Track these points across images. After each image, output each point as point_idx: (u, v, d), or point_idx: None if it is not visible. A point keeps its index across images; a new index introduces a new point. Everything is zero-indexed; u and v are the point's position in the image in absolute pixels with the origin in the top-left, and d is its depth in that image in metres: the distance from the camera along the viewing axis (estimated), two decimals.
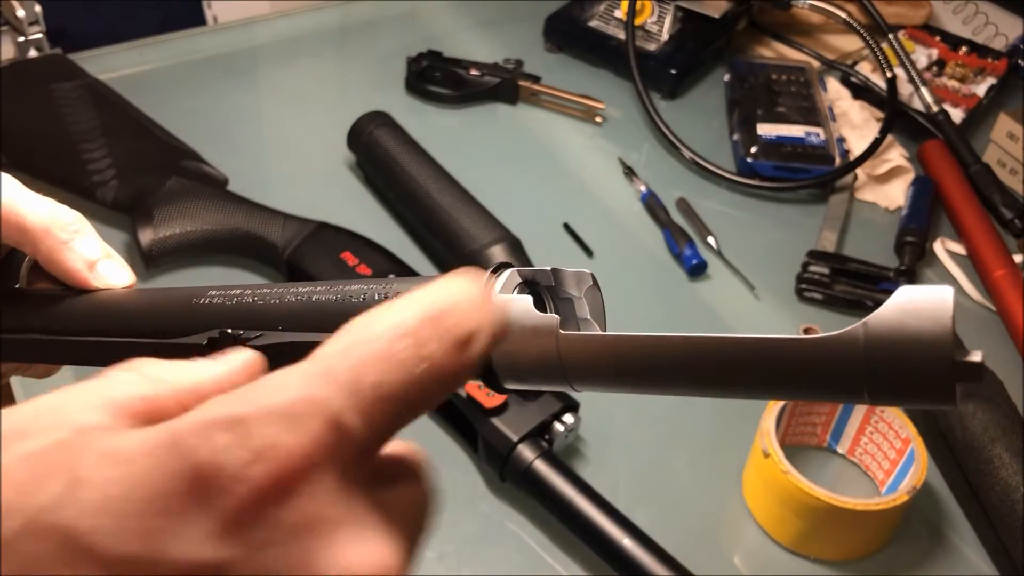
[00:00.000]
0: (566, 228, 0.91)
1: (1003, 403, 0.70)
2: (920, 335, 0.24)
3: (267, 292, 0.34)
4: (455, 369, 0.25)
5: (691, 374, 0.28)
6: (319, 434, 0.22)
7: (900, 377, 0.25)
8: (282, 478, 0.22)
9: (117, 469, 0.22)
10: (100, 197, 0.83)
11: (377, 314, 0.25)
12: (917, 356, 0.25)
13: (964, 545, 0.69)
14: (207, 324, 0.34)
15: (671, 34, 1.08)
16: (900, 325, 0.25)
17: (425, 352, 0.24)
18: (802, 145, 0.98)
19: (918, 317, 0.25)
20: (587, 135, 1.04)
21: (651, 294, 0.88)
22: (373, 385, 0.23)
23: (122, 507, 0.21)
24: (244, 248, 0.83)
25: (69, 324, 0.39)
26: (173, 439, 0.22)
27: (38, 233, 0.38)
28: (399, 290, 0.32)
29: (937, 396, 0.25)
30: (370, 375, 0.23)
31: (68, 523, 0.21)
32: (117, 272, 0.40)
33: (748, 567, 0.68)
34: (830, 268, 0.85)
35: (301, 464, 0.22)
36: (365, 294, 0.32)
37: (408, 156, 0.89)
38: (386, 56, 1.09)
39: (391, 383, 0.23)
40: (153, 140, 0.90)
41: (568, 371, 0.29)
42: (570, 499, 0.64)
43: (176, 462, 0.21)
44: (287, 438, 0.22)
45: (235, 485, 0.21)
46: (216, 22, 1.16)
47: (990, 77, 1.10)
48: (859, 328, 0.25)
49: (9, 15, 1.00)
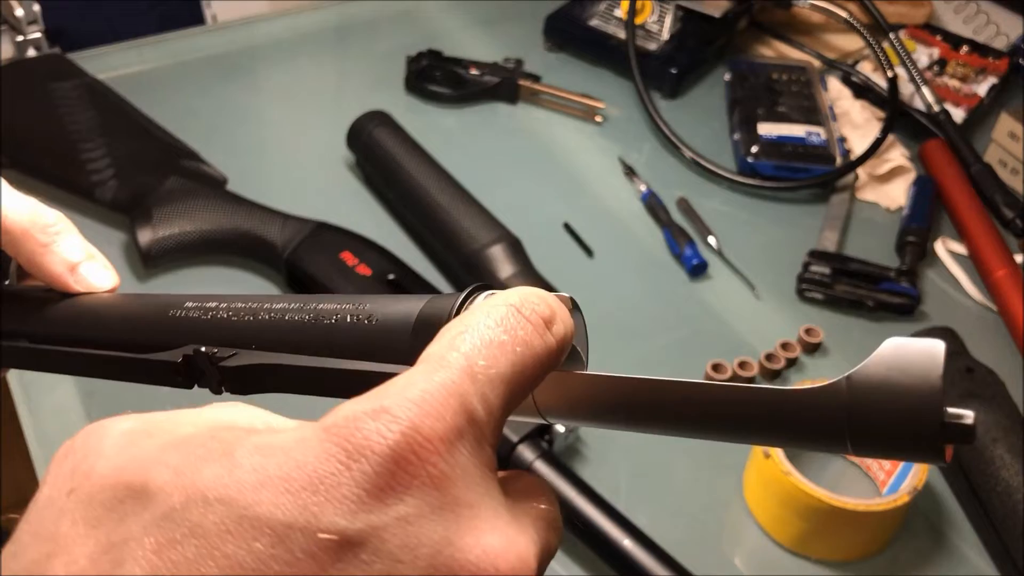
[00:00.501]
0: (566, 228, 0.91)
1: (1004, 403, 0.70)
2: (907, 394, 0.23)
3: (241, 307, 0.34)
4: (545, 349, 0.27)
5: (665, 417, 0.28)
6: (455, 416, 0.24)
7: (885, 435, 0.24)
8: (425, 454, 0.23)
9: (272, 456, 0.23)
10: (99, 197, 0.83)
11: (467, 313, 0.27)
12: (903, 416, 0.23)
13: (965, 546, 0.69)
14: (182, 338, 0.34)
15: (671, 33, 1.08)
16: (885, 381, 0.24)
17: (519, 336, 0.26)
18: (803, 145, 0.98)
19: (906, 374, 0.23)
20: (587, 135, 1.04)
21: (651, 294, 0.88)
22: (486, 368, 0.25)
23: (280, 484, 0.23)
24: (243, 248, 0.83)
25: (51, 330, 0.39)
26: (324, 429, 0.24)
27: (17, 236, 0.38)
28: (372, 311, 0.31)
29: (925, 455, 0.24)
30: (482, 360, 0.25)
31: (229, 496, 0.23)
32: (99, 274, 0.40)
33: (749, 568, 0.68)
34: (831, 268, 0.85)
35: (442, 442, 0.24)
36: (337, 314, 0.32)
37: (408, 156, 0.89)
38: (386, 56, 1.09)
39: (500, 366, 0.26)
40: (152, 140, 0.90)
41: (540, 405, 0.29)
42: (570, 499, 0.64)
43: (326, 446, 0.23)
44: (428, 420, 0.23)
45: (381, 456, 0.23)
46: (215, 22, 1.16)
47: (991, 77, 1.10)
48: (842, 382, 0.24)
49: (8, 14, 1.00)
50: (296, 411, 0.27)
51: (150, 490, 0.24)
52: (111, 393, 0.73)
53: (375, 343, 0.31)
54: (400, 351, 0.30)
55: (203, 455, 0.24)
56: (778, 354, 0.79)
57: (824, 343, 0.81)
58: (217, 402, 0.27)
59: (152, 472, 0.24)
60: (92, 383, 0.73)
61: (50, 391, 0.73)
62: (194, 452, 0.24)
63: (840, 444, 0.25)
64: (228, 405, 0.27)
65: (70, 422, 0.71)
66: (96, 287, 0.39)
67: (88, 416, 0.71)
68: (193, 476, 0.24)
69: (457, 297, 0.30)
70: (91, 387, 0.73)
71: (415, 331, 0.30)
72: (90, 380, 0.74)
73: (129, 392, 0.76)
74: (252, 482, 0.23)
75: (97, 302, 0.39)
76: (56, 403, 0.72)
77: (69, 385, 0.73)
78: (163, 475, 0.24)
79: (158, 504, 0.23)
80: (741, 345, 0.82)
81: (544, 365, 0.27)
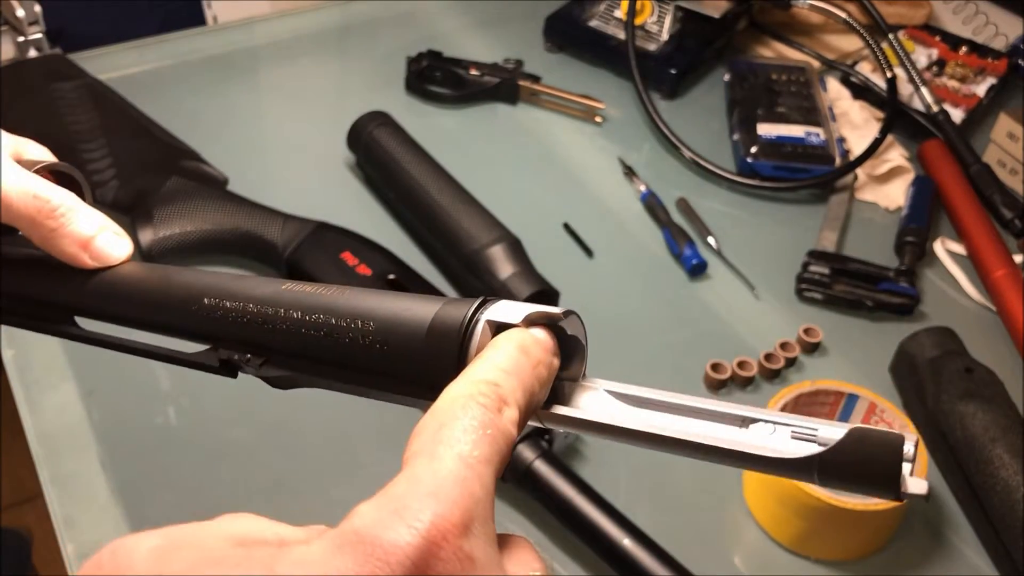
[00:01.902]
0: (566, 228, 0.91)
1: (1003, 403, 0.70)
2: (872, 474, 0.28)
3: (255, 311, 0.36)
4: (551, 369, 0.32)
5: (663, 450, 0.32)
6: (465, 501, 0.26)
7: (850, 489, 0.29)
8: (452, 539, 0.25)
9: (312, 569, 0.25)
10: (100, 197, 0.83)
11: (437, 406, 0.29)
12: (868, 489, 0.28)
13: (964, 545, 0.69)
14: (206, 336, 0.38)
15: (671, 34, 1.08)
16: (850, 474, 0.28)
17: (489, 420, 0.29)
18: (802, 145, 0.98)
19: (870, 472, 0.28)
20: (587, 135, 1.04)
21: (651, 294, 0.88)
22: (473, 453, 0.28)
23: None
24: (244, 248, 0.83)
25: (85, 302, 0.41)
26: (356, 535, 0.25)
27: (26, 224, 0.39)
28: (379, 332, 0.33)
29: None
30: (467, 447, 0.28)
31: None
32: (113, 245, 0.40)
33: (748, 567, 0.68)
34: (830, 268, 0.85)
35: (463, 527, 0.26)
36: (351, 335, 0.34)
37: (408, 156, 0.89)
38: (386, 56, 1.09)
39: (483, 449, 0.28)
40: (153, 140, 0.90)
41: (547, 424, 0.33)
42: (570, 499, 0.64)
43: (360, 554, 0.25)
44: (446, 510, 0.26)
45: (415, 551, 0.25)
46: (216, 22, 1.16)
47: (990, 77, 1.10)
48: (814, 459, 0.28)
49: (9, 15, 1.00)
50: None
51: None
52: (112, 392, 0.74)
53: (391, 354, 0.33)
54: (415, 359, 0.32)
55: (244, 572, 0.25)
56: (777, 354, 0.79)
57: (823, 343, 0.81)
58: (228, 514, 0.28)
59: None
60: (92, 382, 0.74)
61: (51, 390, 0.73)
62: (233, 570, 0.25)
63: (809, 481, 0.29)
64: (241, 517, 0.28)
65: (70, 421, 0.71)
66: (112, 259, 0.40)
67: (88, 415, 0.71)
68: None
69: (469, 307, 0.32)
70: (91, 386, 0.73)
71: (428, 343, 0.32)
72: (91, 379, 0.75)
73: (129, 392, 0.76)
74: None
75: (123, 275, 0.41)
76: (57, 402, 0.73)
77: (70, 384, 0.74)
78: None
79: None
80: (740, 345, 0.82)
81: (510, 440, 0.29)
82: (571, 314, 0.33)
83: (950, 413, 0.70)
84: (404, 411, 0.41)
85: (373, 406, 0.38)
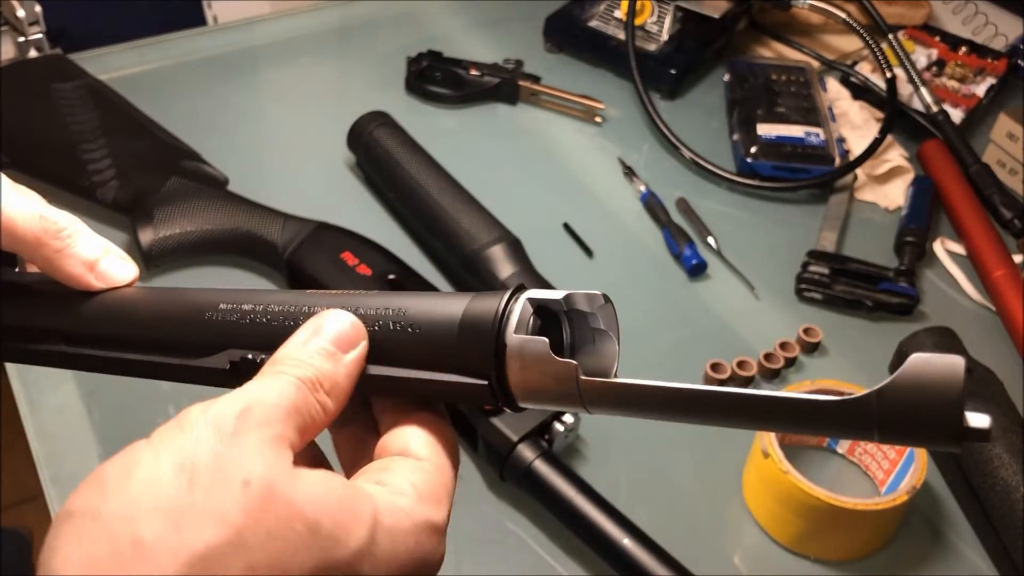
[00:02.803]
0: (566, 228, 0.91)
1: (1003, 403, 0.70)
2: (932, 404, 0.26)
3: (278, 311, 0.36)
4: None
5: (705, 419, 0.31)
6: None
7: (910, 438, 0.27)
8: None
9: (403, 538, 0.31)
10: (100, 197, 0.83)
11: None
12: (928, 425, 0.26)
13: (964, 545, 0.69)
14: (220, 340, 0.36)
15: (671, 34, 1.08)
16: (912, 395, 0.26)
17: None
18: (802, 145, 0.98)
19: (930, 393, 0.26)
20: (587, 135, 1.04)
21: (651, 294, 0.88)
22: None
23: (399, 570, 0.30)
24: (244, 248, 0.83)
25: (84, 328, 0.39)
26: (438, 530, 0.33)
27: (30, 245, 0.38)
28: (413, 319, 0.34)
29: (944, 448, 0.27)
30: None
31: (360, 572, 0.29)
32: (119, 268, 0.40)
33: (748, 567, 0.68)
34: (830, 268, 0.85)
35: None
36: (379, 321, 0.34)
37: (408, 156, 0.89)
38: (386, 56, 1.10)
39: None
40: (153, 140, 0.90)
41: (587, 404, 0.32)
42: (570, 499, 0.64)
43: (432, 543, 0.32)
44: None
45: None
46: (216, 22, 1.16)
47: (990, 77, 1.10)
48: (872, 396, 0.27)
49: (9, 15, 1.00)
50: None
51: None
52: (112, 392, 0.74)
53: (420, 356, 0.34)
54: (447, 354, 0.33)
55: (356, 519, 0.30)
56: (777, 354, 0.79)
57: (823, 343, 0.81)
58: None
59: None
60: (93, 382, 0.74)
61: (51, 390, 0.73)
62: (351, 512, 0.30)
63: (868, 437, 0.27)
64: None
65: (71, 421, 0.71)
66: (117, 281, 0.40)
67: (88, 415, 0.71)
68: (344, 541, 0.30)
69: (501, 299, 0.33)
70: (92, 386, 0.73)
71: (460, 334, 0.33)
72: (91, 379, 0.75)
73: (131, 392, 0.76)
74: (384, 563, 0.31)
75: (125, 297, 0.39)
76: (57, 402, 0.73)
77: (70, 384, 0.74)
78: (331, 528, 0.30)
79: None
80: (740, 345, 0.82)
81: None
82: (607, 301, 0.34)
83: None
84: None
85: None
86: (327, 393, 0.32)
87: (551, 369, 0.31)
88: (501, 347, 0.32)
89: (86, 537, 0.27)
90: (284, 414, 0.31)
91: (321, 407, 0.32)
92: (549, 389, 0.32)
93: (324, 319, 0.34)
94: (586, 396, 0.31)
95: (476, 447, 0.69)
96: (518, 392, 0.32)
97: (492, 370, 0.32)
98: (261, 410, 0.30)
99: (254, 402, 0.30)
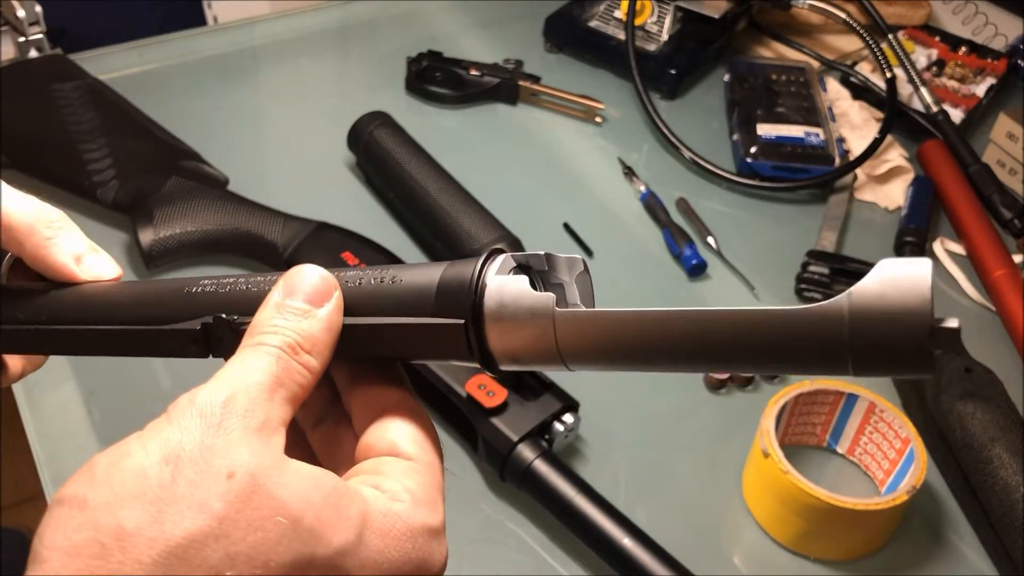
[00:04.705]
0: (566, 228, 0.91)
1: (1003, 403, 0.70)
2: (901, 304, 0.26)
3: (260, 279, 0.36)
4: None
5: (682, 347, 0.29)
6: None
7: (882, 344, 0.26)
8: None
9: (396, 542, 0.31)
10: (100, 197, 0.83)
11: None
12: (898, 324, 0.26)
13: (964, 545, 0.69)
14: (199, 311, 0.35)
15: (671, 34, 1.08)
16: (882, 296, 0.26)
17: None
18: (802, 145, 0.98)
19: (899, 288, 0.26)
20: (587, 135, 1.04)
21: (651, 294, 0.88)
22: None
23: (394, 571, 0.30)
24: (244, 248, 0.83)
25: (58, 316, 0.39)
26: (435, 533, 0.32)
27: (23, 231, 0.39)
28: (394, 274, 0.34)
29: (916, 363, 0.26)
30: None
31: (345, 570, 0.29)
32: (104, 265, 0.40)
33: (748, 567, 0.68)
34: (830, 268, 0.85)
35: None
36: (361, 279, 0.34)
37: (408, 156, 0.89)
38: (386, 56, 1.10)
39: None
40: (153, 140, 0.90)
41: (563, 349, 0.31)
42: (570, 499, 0.64)
43: (430, 546, 0.32)
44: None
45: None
46: (216, 22, 1.16)
47: (989, 77, 1.10)
48: (843, 299, 0.27)
49: (9, 15, 1.00)
50: None
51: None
52: (112, 392, 0.74)
53: (399, 305, 0.33)
54: (426, 302, 0.33)
55: (345, 516, 0.30)
56: None
57: None
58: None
59: None
60: (94, 382, 0.74)
61: (52, 390, 0.73)
62: (340, 509, 0.30)
63: (842, 359, 0.27)
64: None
65: (72, 421, 0.71)
66: (102, 275, 0.40)
67: (88, 415, 0.72)
68: (331, 537, 0.30)
69: (476, 262, 0.32)
70: (92, 385, 0.73)
71: (440, 283, 0.33)
72: (91, 379, 0.75)
73: (131, 392, 0.76)
74: (370, 563, 0.31)
75: (105, 288, 0.40)
76: (58, 401, 0.73)
77: (71, 384, 0.74)
78: (314, 523, 0.30)
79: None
80: None
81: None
82: (552, 258, 0.34)
83: (949, 413, 0.70)
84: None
85: None
86: (309, 352, 0.33)
87: (528, 303, 0.31)
88: (480, 288, 0.32)
89: (71, 524, 0.28)
90: (268, 393, 0.31)
91: (306, 368, 0.32)
92: (525, 332, 0.31)
93: (293, 276, 0.34)
94: (562, 335, 0.30)
95: (476, 447, 0.69)
96: (495, 343, 0.32)
97: (469, 311, 0.32)
98: (245, 396, 0.30)
99: (238, 389, 0.30)
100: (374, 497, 0.31)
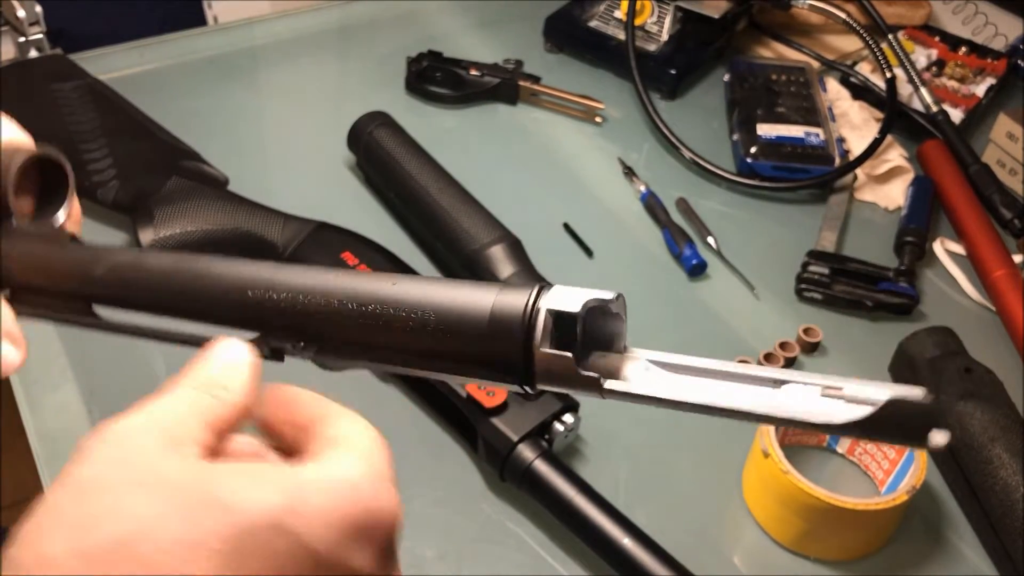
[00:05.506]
0: (566, 228, 0.91)
1: (1002, 403, 0.70)
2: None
3: (315, 302, 0.36)
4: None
5: (711, 415, 0.33)
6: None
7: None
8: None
9: (334, 496, 0.30)
10: (101, 197, 0.83)
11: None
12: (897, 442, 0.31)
13: (964, 545, 0.69)
14: (255, 321, 0.37)
15: (671, 34, 1.09)
16: (885, 430, 0.29)
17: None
18: (802, 145, 0.98)
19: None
20: (587, 135, 1.04)
21: (651, 294, 0.88)
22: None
23: (336, 524, 0.29)
24: (244, 248, 0.83)
25: (128, 292, 0.40)
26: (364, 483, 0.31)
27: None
28: (439, 321, 0.34)
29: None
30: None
31: (296, 527, 0.29)
32: (7, 353, 0.42)
33: (748, 567, 0.68)
34: (830, 268, 0.85)
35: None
36: (411, 324, 0.34)
37: (408, 156, 0.89)
38: (386, 56, 1.10)
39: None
40: (153, 140, 0.90)
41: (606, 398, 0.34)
42: (570, 499, 0.64)
43: (358, 504, 0.30)
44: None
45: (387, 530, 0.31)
46: (216, 22, 1.16)
47: (989, 77, 1.10)
48: (852, 426, 0.29)
49: (9, 15, 1.00)
50: None
51: None
52: (112, 392, 0.74)
53: (450, 343, 0.34)
54: (476, 351, 0.34)
55: (274, 483, 0.30)
56: (777, 354, 0.79)
57: (823, 343, 0.81)
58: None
59: None
60: (93, 382, 0.74)
61: (52, 390, 0.73)
62: (262, 479, 0.30)
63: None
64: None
65: (72, 421, 0.71)
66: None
67: (89, 414, 0.72)
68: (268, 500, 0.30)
69: (528, 295, 0.33)
70: (93, 386, 0.73)
71: (491, 332, 0.33)
72: (91, 379, 0.75)
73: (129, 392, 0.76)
74: (319, 518, 0.30)
75: (149, 264, 0.41)
76: (58, 402, 0.73)
77: (71, 384, 0.74)
78: (236, 496, 0.30)
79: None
80: (740, 345, 0.82)
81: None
82: (620, 297, 0.36)
83: (949, 413, 0.70)
84: (408, 406, 0.41)
85: (380, 399, 0.38)
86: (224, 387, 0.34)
87: (578, 380, 0.33)
88: (529, 357, 0.33)
89: (11, 549, 0.30)
90: (185, 417, 0.33)
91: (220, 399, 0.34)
92: (575, 390, 0.33)
93: (204, 364, 0.36)
94: (608, 395, 0.33)
95: (476, 447, 0.69)
96: (543, 384, 0.34)
97: (521, 376, 0.34)
98: (162, 419, 0.33)
99: (156, 412, 0.34)
100: (298, 465, 0.32)
